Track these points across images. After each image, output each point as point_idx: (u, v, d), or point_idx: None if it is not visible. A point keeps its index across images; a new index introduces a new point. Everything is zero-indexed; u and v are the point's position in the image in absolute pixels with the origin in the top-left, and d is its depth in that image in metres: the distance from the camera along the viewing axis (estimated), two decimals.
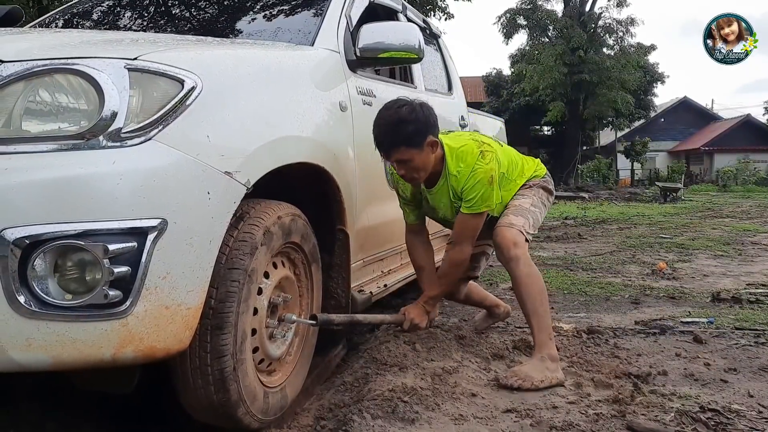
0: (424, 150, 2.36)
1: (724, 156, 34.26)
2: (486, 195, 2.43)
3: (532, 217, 2.61)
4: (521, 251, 2.47)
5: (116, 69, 1.51)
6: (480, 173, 2.42)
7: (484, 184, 2.42)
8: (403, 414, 1.97)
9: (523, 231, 2.53)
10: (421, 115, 2.34)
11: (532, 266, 2.50)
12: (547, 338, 2.41)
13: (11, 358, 1.38)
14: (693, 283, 4.61)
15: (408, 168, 2.39)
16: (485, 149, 2.47)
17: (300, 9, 2.93)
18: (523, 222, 2.55)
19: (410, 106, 2.34)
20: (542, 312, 2.44)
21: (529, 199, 2.67)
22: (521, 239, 2.51)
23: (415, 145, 2.33)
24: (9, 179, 1.37)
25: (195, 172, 1.54)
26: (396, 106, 2.35)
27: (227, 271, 1.68)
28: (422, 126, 2.33)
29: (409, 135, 2.31)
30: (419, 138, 2.33)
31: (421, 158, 2.37)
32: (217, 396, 1.69)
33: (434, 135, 2.39)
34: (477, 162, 2.43)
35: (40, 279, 1.38)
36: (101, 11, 3.29)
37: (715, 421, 2.02)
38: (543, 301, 2.45)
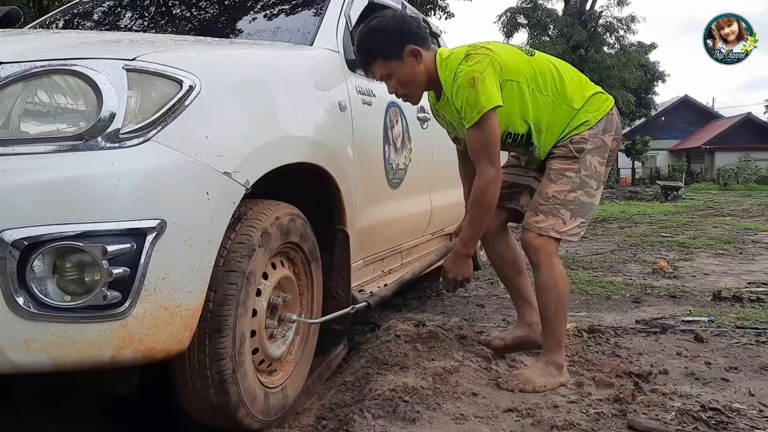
0: (405, 61, 2.19)
1: (725, 154, 34.22)
2: (471, 99, 2.11)
3: (571, 207, 2.29)
4: (543, 257, 2.30)
5: (114, 70, 1.51)
6: (460, 76, 2.14)
7: (465, 88, 2.12)
8: (404, 413, 1.97)
9: (555, 233, 2.29)
10: (392, 24, 2.18)
11: (555, 273, 2.31)
12: (555, 344, 2.31)
13: (10, 360, 1.38)
14: (694, 282, 4.61)
15: (395, 84, 2.25)
16: (474, 51, 2.20)
17: (299, 9, 2.93)
18: (552, 222, 2.29)
19: (381, 17, 2.21)
20: (555, 319, 2.31)
21: (567, 182, 2.29)
22: (546, 244, 2.30)
23: (391, 57, 2.18)
24: (7, 180, 1.37)
25: (194, 172, 1.54)
26: (367, 21, 2.22)
27: (225, 274, 1.67)
28: (395, 35, 2.17)
29: (382, 46, 2.17)
30: (394, 48, 2.17)
31: (404, 70, 2.20)
32: (217, 398, 1.69)
33: (416, 43, 2.19)
34: (459, 65, 2.17)
35: (38, 280, 1.38)
36: (102, 12, 3.29)
37: (716, 420, 2.01)
38: (558, 309, 2.31)
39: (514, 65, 2.24)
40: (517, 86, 2.23)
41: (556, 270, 2.32)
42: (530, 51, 2.37)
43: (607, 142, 2.34)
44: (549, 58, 2.38)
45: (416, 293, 4.10)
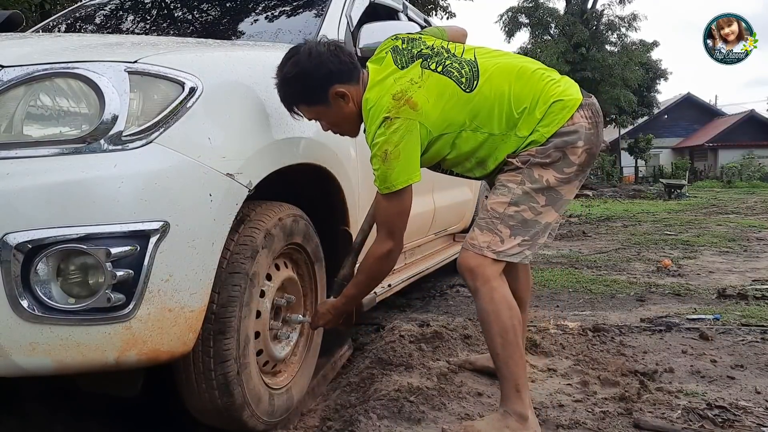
0: (332, 104, 1.91)
1: (728, 152, 34.16)
2: (382, 173, 1.85)
3: (509, 225, 1.92)
4: (480, 282, 1.91)
5: (116, 72, 1.51)
6: (375, 146, 1.85)
7: (378, 160, 1.84)
8: (409, 414, 1.96)
9: (489, 253, 1.91)
10: (310, 67, 1.85)
11: (496, 299, 1.90)
12: (511, 389, 1.87)
13: (15, 363, 1.38)
14: (698, 280, 4.60)
15: (326, 125, 2.01)
16: (395, 113, 1.84)
17: (301, 10, 2.93)
18: (488, 240, 1.92)
19: (296, 59, 1.86)
20: (504, 356, 1.88)
21: (508, 194, 1.93)
22: (481, 264, 1.91)
23: (316, 101, 1.90)
24: (11, 184, 1.37)
25: (196, 174, 1.54)
26: (283, 61, 1.90)
27: (228, 276, 1.68)
28: (315, 80, 1.86)
29: (301, 94, 1.89)
30: (316, 94, 1.89)
31: (332, 113, 1.94)
32: (222, 400, 1.69)
33: (340, 82, 1.89)
34: (378, 131, 1.85)
35: (43, 283, 1.38)
36: (103, 15, 3.30)
37: (722, 418, 2.01)
38: (505, 344, 1.88)
39: (446, 117, 1.91)
40: (452, 136, 1.94)
41: (496, 296, 1.90)
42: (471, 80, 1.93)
43: (570, 155, 1.92)
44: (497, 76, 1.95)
45: (420, 293, 4.10)
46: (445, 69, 1.94)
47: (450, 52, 2.00)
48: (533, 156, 1.92)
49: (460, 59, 1.98)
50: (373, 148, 1.86)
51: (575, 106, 1.94)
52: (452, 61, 1.97)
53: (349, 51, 1.95)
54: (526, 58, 2.11)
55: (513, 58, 2.05)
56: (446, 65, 1.95)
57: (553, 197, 1.95)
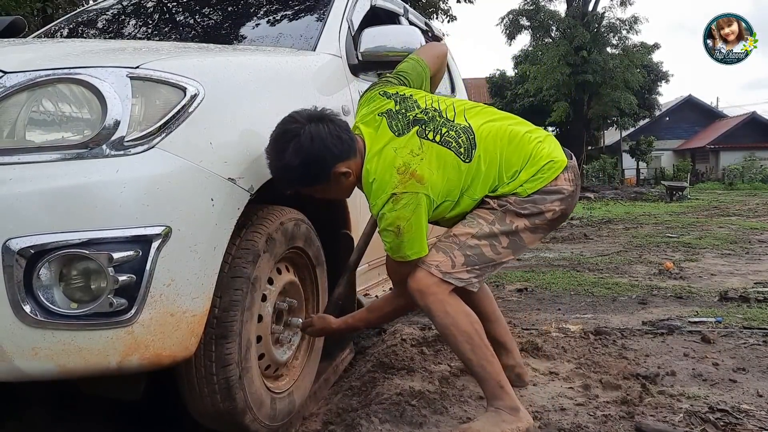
0: (332, 181, 1.90)
1: (730, 154, 34.17)
2: (395, 246, 1.90)
3: (465, 253, 1.96)
4: (430, 300, 1.93)
5: (118, 78, 1.51)
6: (386, 221, 1.87)
7: (391, 234, 1.88)
8: (410, 418, 1.97)
9: (434, 271, 1.93)
10: (313, 154, 1.80)
11: (449, 313, 1.93)
12: (495, 387, 1.93)
13: (17, 368, 1.38)
14: (700, 283, 4.59)
15: (326, 199, 2.03)
16: (402, 188, 1.86)
17: (302, 14, 2.94)
18: (440, 261, 1.95)
19: (297, 142, 1.78)
20: (476, 359, 1.93)
21: (475, 226, 1.98)
22: (429, 284, 1.93)
23: (317, 182, 1.88)
24: (13, 189, 1.37)
25: (198, 179, 1.54)
26: (281, 143, 1.79)
27: (230, 280, 1.68)
28: (317, 165, 1.83)
29: (304, 179, 1.85)
30: (318, 177, 1.86)
31: (332, 189, 1.94)
32: (224, 404, 1.69)
33: (342, 160, 1.87)
34: (385, 206, 1.86)
35: (45, 288, 1.38)
36: (105, 20, 3.31)
37: (724, 422, 2.01)
38: (474, 348, 1.93)
39: (449, 186, 1.95)
40: (451, 203, 1.98)
41: (449, 308, 1.94)
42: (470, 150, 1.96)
43: (546, 212, 1.99)
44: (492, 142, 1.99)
45: None
46: (443, 139, 1.96)
47: (444, 117, 2.01)
48: (510, 204, 1.98)
49: (455, 126, 2.00)
50: (382, 222, 1.88)
51: (561, 168, 2.01)
52: (448, 128, 1.99)
53: (345, 124, 1.92)
54: (512, 118, 2.12)
55: (503, 121, 2.08)
56: (443, 134, 1.97)
57: (515, 242, 2.00)
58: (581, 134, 28.65)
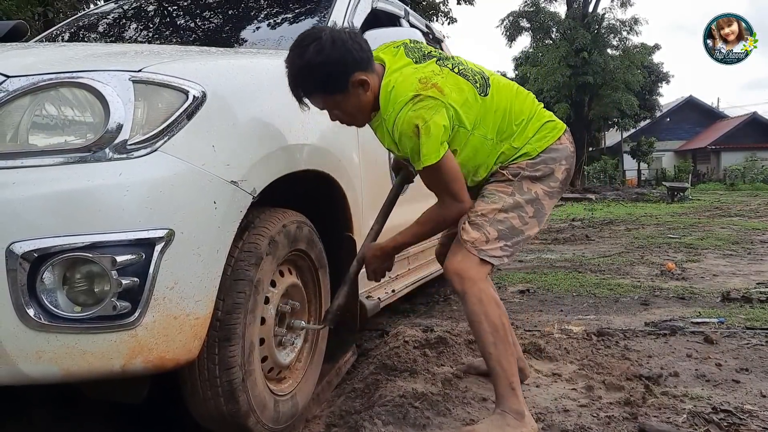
0: (351, 92, 1.88)
1: (731, 154, 34.16)
2: (414, 149, 1.85)
3: (498, 227, 1.98)
4: (468, 285, 1.95)
5: (121, 81, 1.52)
6: (403, 123, 1.84)
7: (409, 136, 1.84)
8: (414, 420, 1.96)
9: (475, 251, 1.96)
10: (334, 55, 1.80)
11: (484, 300, 1.95)
12: (506, 387, 1.92)
13: (21, 371, 1.39)
14: (702, 283, 4.59)
15: (337, 115, 1.97)
16: (423, 92, 1.85)
17: (303, 17, 2.94)
18: (475, 238, 1.97)
19: (319, 43, 1.79)
20: (497, 354, 1.93)
21: (499, 201, 2.00)
22: (468, 268, 1.96)
23: (336, 90, 1.87)
24: (17, 193, 1.38)
25: (201, 182, 1.55)
26: (302, 45, 1.82)
27: (233, 283, 1.68)
28: (338, 67, 1.82)
29: (323, 81, 1.84)
30: (339, 81, 1.85)
31: (349, 102, 1.90)
32: (227, 407, 1.69)
33: (362, 69, 1.86)
34: (404, 107, 1.84)
35: (49, 292, 1.38)
36: (106, 24, 3.32)
37: (727, 422, 2.00)
38: (497, 342, 1.93)
39: (465, 109, 1.94)
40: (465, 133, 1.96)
41: (484, 297, 1.95)
42: (484, 86, 2.01)
43: (556, 171, 2.05)
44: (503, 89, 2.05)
45: (424, 299, 4.10)
46: (461, 71, 2.00)
47: (458, 60, 2.07)
48: (523, 169, 2.03)
49: (470, 67, 2.06)
50: (399, 127, 1.85)
51: (563, 128, 2.12)
52: (464, 66, 2.04)
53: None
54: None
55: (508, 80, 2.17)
56: (461, 68, 2.01)
57: (539, 210, 2.04)
58: (582, 135, 28.67)
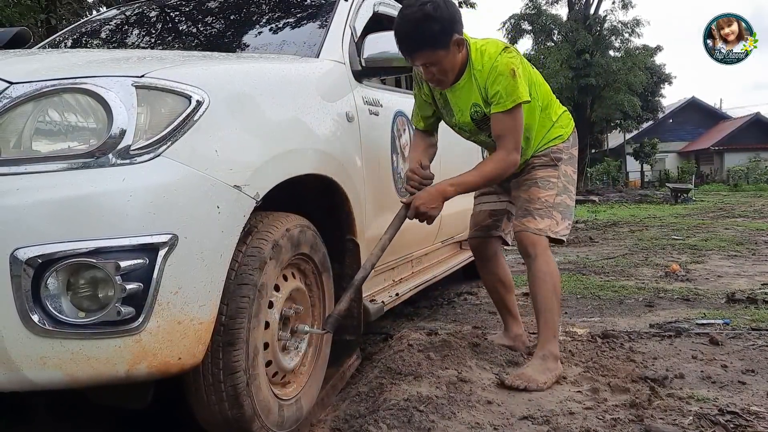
0: (451, 50, 2.25)
1: (734, 155, 34.10)
2: (510, 88, 2.25)
3: (560, 210, 2.49)
4: (540, 250, 2.45)
5: (124, 87, 1.52)
6: (500, 65, 2.26)
7: (506, 76, 2.25)
8: (419, 423, 1.96)
9: (551, 233, 2.47)
10: (446, 13, 2.20)
11: (551, 264, 2.47)
12: (551, 336, 2.43)
13: (26, 377, 1.39)
14: (707, 285, 4.57)
15: (434, 71, 2.29)
16: (507, 46, 2.33)
17: (305, 21, 2.94)
18: (548, 224, 2.47)
19: (434, 3, 2.17)
20: (552, 309, 2.44)
21: (554, 187, 2.50)
22: (541, 240, 2.46)
23: (441, 46, 2.22)
24: (21, 199, 1.38)
25: (204, 186, 1.55)
26: (419, 3, 2.18)
27: (237, 287, 1.68)
28: (448, 24, 2.20)
29: (435, 35, 2.19)
30: (445, 37, 2.21)
31: (448, 59, 2.27)
32: (232, 412, 1.69)
33: (459, 33, 2.26)
34: (498, 54, 2.28)
35: (53, 297, 1.38)
36: (109, 30, 3.33)
37: (734, 424, 1.99)
38: (555, 300, 2.44)
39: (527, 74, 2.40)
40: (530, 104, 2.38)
41: (551, 262, 2.47)
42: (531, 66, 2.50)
43: (575, 155, 2.61)
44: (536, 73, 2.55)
45: (428, 302, 4.10)
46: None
47: None
48: (562, 152, 2.54)
49: None
50: (498, 68, 2.26)
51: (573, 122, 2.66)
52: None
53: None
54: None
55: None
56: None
57: (573, 188, 2.57)
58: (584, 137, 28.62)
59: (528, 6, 27.82)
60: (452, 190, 2.36)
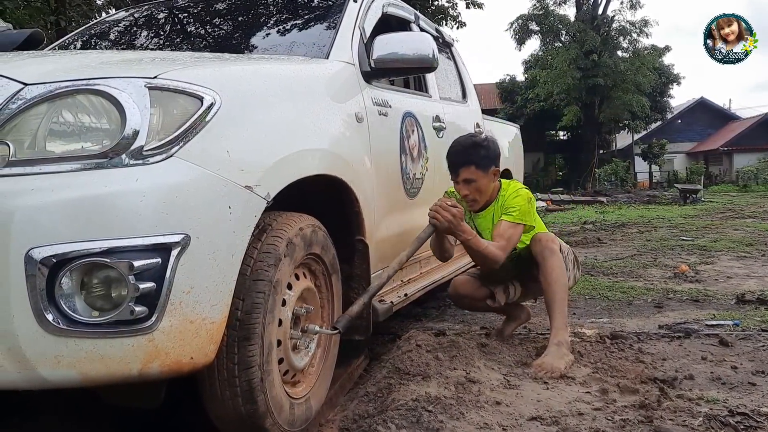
0: (488, 175, 2.77)
1: (743, 156, 33.89)
2: (524, 209, 2.75)
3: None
4: (556, 248, 2.80)
5: (137, 88, 1.53)
6: (522, 192, 2.81)
7: (524, 200, 2.76)
8: (427, 423, 1.96)
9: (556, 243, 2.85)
10: (492, 146, 2.82)
11: (563, 262, 2.80)
12: (563, 324, 2.70)
13: (41, 376, 1.40)
14: (716, 285, 4.55)
15: (472, 189, 2.76)
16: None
17: (314, 23, 2.96)
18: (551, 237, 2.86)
19: (484, 137, 2.93)
20: (564, 300, 2.74)
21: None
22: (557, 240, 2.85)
23: (483, 168, 2.74)
24: (35, 199, 1.39)
25: (216, 187, 1.56)
26: (472, 135, 2.96)
27: (253, 283, 1.69)
28: (492, 153, 2.80)
29: (481, 157, 2.74)
30: (488, 163, 2.76)
31: (485, 182, 2.77)
32: (245, 407, 1.70)
33: (497, 166, 2.82)
34: (521, 188, 2.84)
35: (67, 297, 1.40)
36: (118, 32, 3.35)
37: (744, 425, 1.99)
38: (565, 291, 2.78)
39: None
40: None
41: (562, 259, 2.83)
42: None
43: None
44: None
45: (436, 303, 4.10)
46: None
47: None
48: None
49: None
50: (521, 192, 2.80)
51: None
52: None
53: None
54: None
55: None
56: None
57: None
58: (593, 138, 28.57)
59: (535, 6, 27.77)
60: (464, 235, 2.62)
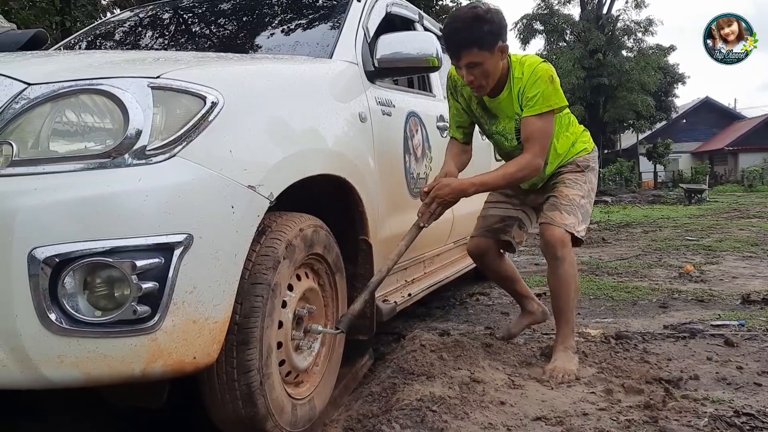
0: (495, 54, 2.36)
1: (749, 155, 33.78)
2: (547, 93, 2.38)
3: (582, 212, 2.59)
4: (568, 251, 2.54)
5: (140, 88, 1.53)
6: (540, 71, 2.39)
7: (545, 81, 2.38)
8: (432, 423, 1.96)
9: (574, 231, 2.55)
10: (496, 17, 2.34)
11: (574, 268, 2.60)
12: (570, 330, 2.60)
13: (44, 375, 1.40)
14: (722, 286, 4.54)
15: (477, 73, 2.38)
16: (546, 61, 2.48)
17: (318, 22, 2.95)
18: (573, 221, 2.55)
19: (486, 7, 2.35)
20: (572, 307, 2.60)
21: (580, 189, 2.62)
22: (567, 239, 2.54)
23: (487, 47, 2.33)
24: (38, 199, 1.39)
25: (219, 187, 1.56)
26: (471, 6, 2.38)
27: (251, 286, 1.69)
28: (496, 28, 2.34)
29: (484, 35, 2.31)
30: (492, 39, 2.33)
31: (492, 63, 2.37)
32: (245, 410, 1.70)
33: (504, 41, 2.38)
34: (538, 63, 2.43)
35: (70, 296, 1.40)
36: (122, 32, 3.35)
37: (750, 426, 1.98)
38: (574, 300, 2.62)
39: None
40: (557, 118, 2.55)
41: (575, 265, 2.62)
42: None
43: (597, 168, 2.76)
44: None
45: (440, 302, 4.09)
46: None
47: None
48: (587, 162, 2.68)
49: None
50: (539, 73, 2.39)
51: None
52: None
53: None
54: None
55: None
56: None
57: (593, 196, 2.70)
58: (597, 138, 28.46)
59: (540, 6, 27.75)
60: (472, 188, 2.44)
